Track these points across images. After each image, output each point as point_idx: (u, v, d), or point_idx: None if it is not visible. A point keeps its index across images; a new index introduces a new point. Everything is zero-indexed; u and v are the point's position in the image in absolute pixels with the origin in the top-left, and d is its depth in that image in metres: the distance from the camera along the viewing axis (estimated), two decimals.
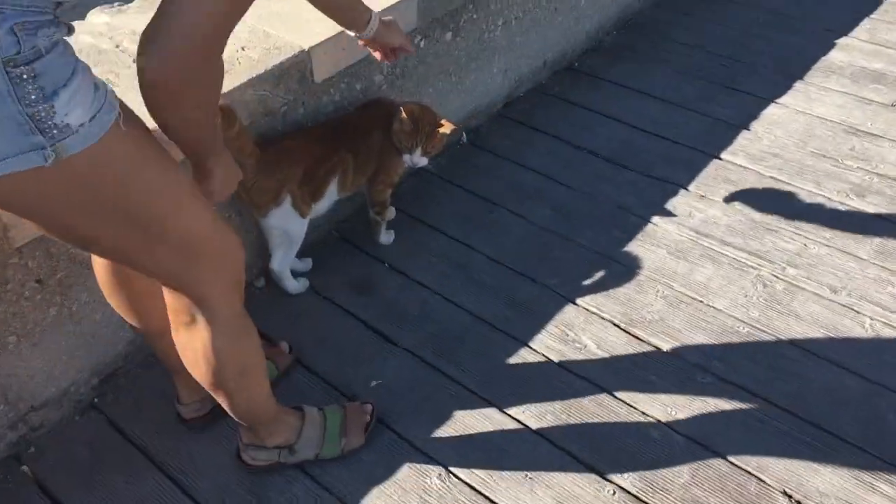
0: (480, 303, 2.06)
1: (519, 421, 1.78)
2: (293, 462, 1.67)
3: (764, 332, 1.97)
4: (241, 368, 1.44)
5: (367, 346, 1.96)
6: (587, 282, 2.11)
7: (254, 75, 1.78)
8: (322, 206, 2.00)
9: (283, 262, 2.02)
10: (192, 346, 1.38)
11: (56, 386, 1.74)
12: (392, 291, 2.10)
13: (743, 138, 2.63)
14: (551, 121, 2.72)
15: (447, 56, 2.40)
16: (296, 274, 2.11)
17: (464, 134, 2.64)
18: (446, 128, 1.98)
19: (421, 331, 1.99)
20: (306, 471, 1.68)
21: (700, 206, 2.35)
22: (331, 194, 1.99)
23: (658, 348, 1.93)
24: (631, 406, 1.80)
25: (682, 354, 1.92)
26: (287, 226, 1.94)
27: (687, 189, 2.42)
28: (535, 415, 1.79)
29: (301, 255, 2.15)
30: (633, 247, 2.22)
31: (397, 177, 2.14)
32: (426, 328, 2.00)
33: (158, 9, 0.99)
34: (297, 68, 1.88)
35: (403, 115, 1.95)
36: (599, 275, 2.13)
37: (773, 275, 2.12)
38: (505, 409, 1.80)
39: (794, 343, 1.94)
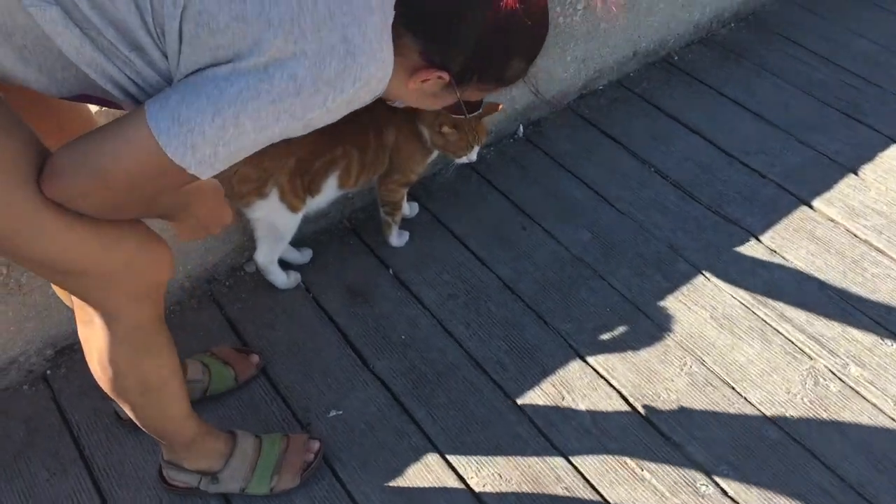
0: (478, 338, 1.82)
1: (476, 496, 1.56)
2: (215, 492, 1.52)
3: (797, 443, 1.64)
4: (145, 386, 1.28)
5: (341, 365, 1.77)
6: (605, 335, 1.83)
7: None
8: (321, 200, 1.79)
9: (269, 256, 1.84)
10: (90, 346, 1.23)
11: (4, 354, 1.65)
12: (388, 304, 1.89)
13: (846, 184, 2.21)
14: (624, 124, 2.38)
15: None
16: (289, 266, 1.93)
17: (521, 127, 2.35)
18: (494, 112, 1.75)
19: (402, 359, 1.78)
20: (231, 502, 1.53)
21: (768, 263, 1.99)
22: (330, 189, 1.78)
23: (663, 436, 1.65)
24: None
25: (688, 450, 1.62)
26: (273, 220, 1.74)
27: (758, 239, 2.05)
28: (495, 491, 1.56)
29: (301, 244, 1.97)
30: (673, 301, 1.90)
31: (415, 176, 1.90)
32: (409, 357, 1.78)
33: (84, 135, 0.94)
34: None
35: (446, 129, 1.71)
36: (622, 329, 1.84)
37: (830, 370, 1.77)
38: (464, 477, 1.58)
39: (830, 468, 1.61)
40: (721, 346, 1.81)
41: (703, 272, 1.97)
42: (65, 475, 1.57)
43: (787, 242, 2.04)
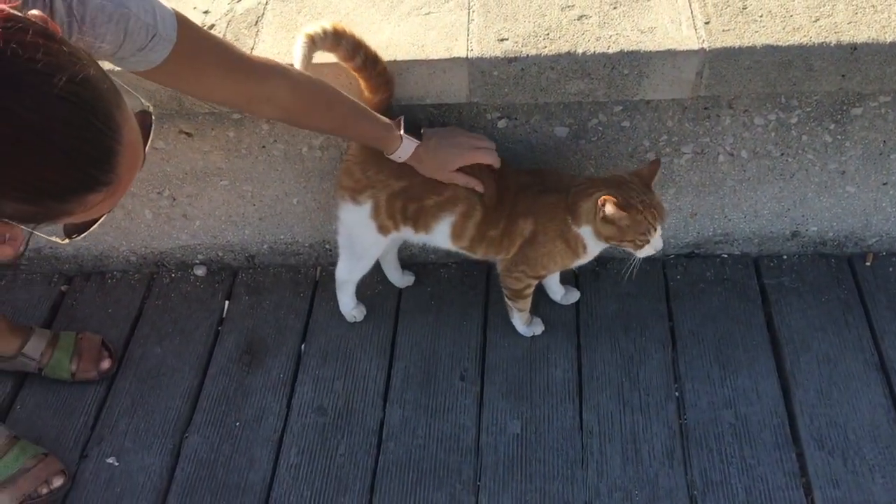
0: (293, 478, 1.54)
1: None
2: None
3: None
4: None
5: (167, 417, 1.64)
6: None
7: None
8: (431, 241, 1.56)
9: (345, 273, 1.68)
10: None
11: None
12: (259, 384, 1.68)
13: None
14: None
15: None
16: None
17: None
18: (657, 172, 1.40)
19: (217, 447, 1.59)
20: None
21: None
22: (441, 235, 1.52)
23: None
24: None
25: None
26: (354, 230, 1.56)
27: None
28: None
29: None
30: None
31: (546, 272, 1.59)
32: (222, 450, 1.59)
33: None
34: None
35: (612, 212, 1.33)
36: None
37: None
38: None
39: None
40: None
41: None
42: None
43: None
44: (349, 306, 1.75)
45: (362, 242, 1.58)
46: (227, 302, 1.83)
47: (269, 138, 1.60)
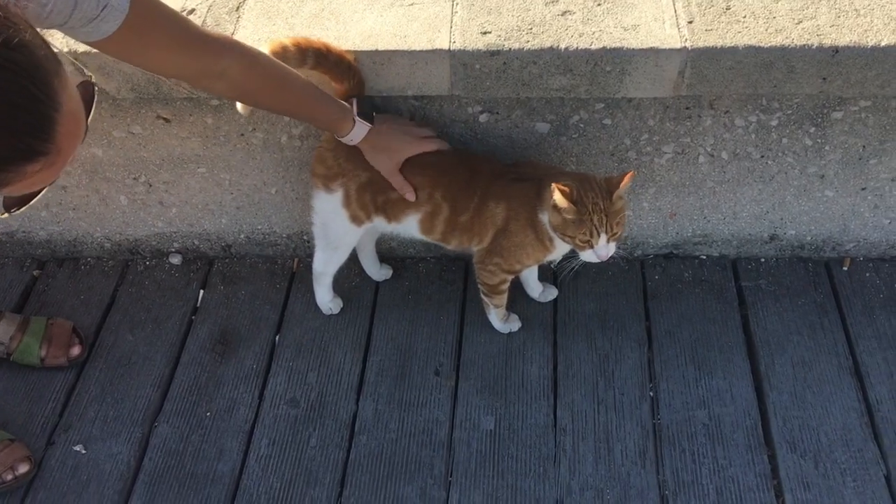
0: (261, 470, 1.52)
1: None
2: None
3: None
4: None
5: (136, 405, 1.62)
6: None
7: None
8: (403, 231, 1.55)
9: (320, 263, 1.66)
10: None
11: None
12: (233, 372, 1.67)
13: None
14: None
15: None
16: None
17: None
18: (626, 182, 1.32)
19: (185, 436, 1.57)
20: None
21: None
22: (411, 227, 1.52)
23: None
24: None
25: None
26: (327, 218, 1.54)
27: None
28: None
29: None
30: None
31: (521, 267, 1.55)
32: (191, 440, 1.57)
33: None
34: None
35: (559, 199, 1.31)
36: None
37: None
38: None
39: None
40: None
41: None
42: None
43: None
44: (325, 298, 1.73)
45: (336, 231, 1.56)
46: (201, 291, 1.81)
47: (248, 126, 1.58)
